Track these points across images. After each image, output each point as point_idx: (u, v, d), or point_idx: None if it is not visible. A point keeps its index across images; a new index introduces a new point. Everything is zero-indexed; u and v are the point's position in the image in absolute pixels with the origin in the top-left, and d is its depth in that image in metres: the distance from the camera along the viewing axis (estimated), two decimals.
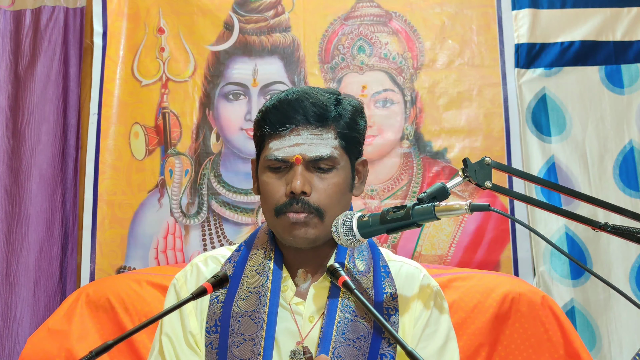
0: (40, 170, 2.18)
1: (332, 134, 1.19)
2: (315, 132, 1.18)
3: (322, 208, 1.17)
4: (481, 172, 1.13)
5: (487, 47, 2.16)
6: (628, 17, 2.15)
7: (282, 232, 1.19)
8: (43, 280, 2.13)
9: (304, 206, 1.16)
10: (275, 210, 1.18)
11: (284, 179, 1.18)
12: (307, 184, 1.16)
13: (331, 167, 1.19)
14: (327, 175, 1.19)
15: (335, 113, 1.19)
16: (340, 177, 1.20)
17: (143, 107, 2.20)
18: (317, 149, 1.17)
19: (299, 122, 1.17)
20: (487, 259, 2.04)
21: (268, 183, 1.20)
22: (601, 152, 2.08)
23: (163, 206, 2.15)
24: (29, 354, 1.67)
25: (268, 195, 1.20)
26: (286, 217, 1.17)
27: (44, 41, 2.24)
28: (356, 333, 1.15)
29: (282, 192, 1.18)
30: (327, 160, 1.18)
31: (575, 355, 1.63)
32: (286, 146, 1.17)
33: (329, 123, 1.19)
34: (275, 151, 1.18)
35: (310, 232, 1.17)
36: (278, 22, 2.22)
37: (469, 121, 2.13)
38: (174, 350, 1.20)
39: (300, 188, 1.15)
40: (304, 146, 1.17)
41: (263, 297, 1.18)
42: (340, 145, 1.20)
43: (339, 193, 1.20)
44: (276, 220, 1.19)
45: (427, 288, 1.25)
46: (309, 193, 1.16)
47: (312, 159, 1.17)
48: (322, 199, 1.17)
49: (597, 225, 1.06)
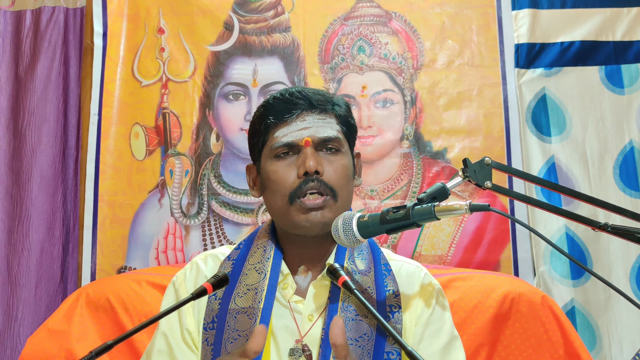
0: (41, 170, 2.18)
1: (334, 119, 1.24)
2: (320, 117, 1.22)
3: (335, 188, 1.19)
4: (481, 172, 1.13)
5: (487, 47, 2.17)
6: (628, 17, 2.15)
7: (296, 218, 1.18)
8: (44, 280, 2.14)
9: (319, 185, 1.17)
10: (290, 195, 1.18)
11: (293, 165, 1.20)
12: (319, 164, 1.19)
13: (337, 150, 1.22)
14: (335, 157, 1.22)
15: (333, 102, 1.25)
16: (346, 160, 1.24)
17: (143, 107, 2.21)
18: (325, 130, 1.21)
19: (304, 108, 1.21)
20: (487, 259, 2.04)
21: (277, 171, 1.21)
22: (601, 152, 2.08)
23: (163, 206, 2.15)
24: (29, 354, 1.67)
25: (279, 182, 1.20)
26: (302, 202, 1.17)
27: (44, 42, 2.24)
28: (359, 332, 1.15)
29: (293, 176, 1.19)
30: (334, 141, 1.22)
31: (575, 356, 1.63)
32: (294, 131, 1.20)
33: (330, 110, 1.24)
34: (283, 137, 1.20)
35: (327, 215, 1.18)
36: (278, 22, 2.22)
37: (469, 121, 2.13)
38: (169, 348, 1.20)
39: (314, 167, 1.17)
40: (312, 129, 1.20)
41: (259, 294, 1.18)
42: (342, 130, 1.25)
43: (346, 176, 1.23)
44: (289, 207, 1.19)
45: (429, 286, 1.26)
46: (322, 173, 1.18)
47: (322, 140, 1.20)
48: (333, 179, 1.19)
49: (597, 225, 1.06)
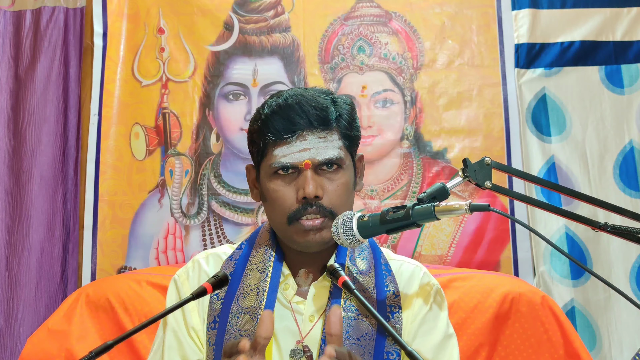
0: (41, 171, 2.18)
1: (336, 135, 1.19)
2: (321, 135, 1.17)
3: (334, 210, 1.17)
4: (481, 172, 1.13)
5: (487, 47, 2.17)
6: (628, 17, 2.15)
7: (295, 237, 1.18)
8: (44, 280, 2.14)
9: (318, 209, 1.16)
10: (289, 217, 1.17)
11: (292, 185, 1.17)
12: (319, 187, 1.16)
13: (339, 167, 1.19)
14: (335, 176, 1.19)
15: (336, 114, 1.19)
16: (347, 176, 1.21)
17: (143, 107, 2.21)
18: (326, 152, 1.17)
19: (304, 127, 1.16)
20: (487, 259, 2.04)
21: (277, 190, 1.18)
22: (601, 152, 2.08)
23: (163, 206, 2.15)
24: (28, 354, 1.67)
25: (279, 203, 1.18)
26: (300, 224, 1.16)
27: (44, 42, 2.24)
28: (360, 332, 1.15)
29: (292, 198, 1.17)
30: (335, 162, 1.18)
31: (575, 355, 1.63)
32: (293, 152, 1.16)
33: (332, 125, 1.19)
34: (282, 158, 1.17)
35: (325, 236, 1.17)
36: (278, 22, 2.22)
37: (469, 121, 2.13)
38: (179, 344, 1.20)
39: (313, 192, 1.14)
40: (312, 150, 1.16)
41: (261, 294, 1.18)
42: (344, 145, 1.20)
43: (347, 193, 1.20)
44: (288, 227, 1.18)
45: (427, 286, 1.26)
46: (322, 196, 1.16)
47: (322, 162, 1.17)
48: (333, 200, 1.17)
49: (597, 225, 1.06)
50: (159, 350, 1.22)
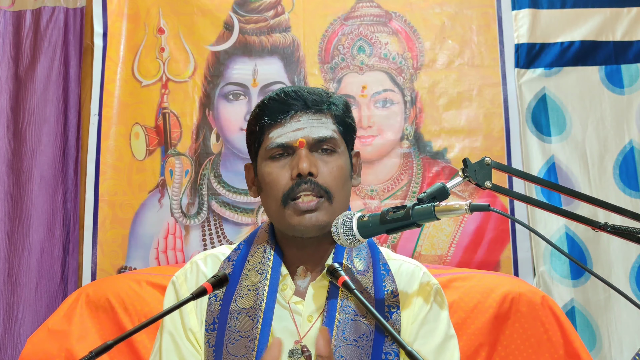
0: (41, 171, 2.18)
1: (330, 119, 1.23)
2: (315, 117, 1.21)
3: (330, 190, 1.18)
4: (481, 172, 1.13)
5: (487, 47, 2.17)
6: (628, 17, 2.15)
7: (291, 220, 1.18)
8: (44, 280, 2.14)
9: (312, 186, 1.17)
10: (283, 197, 1.18)
11: (287, 166, 1.19)
12: (313, 165, 1.18)
13: (333, 150, 1.21)
14: (330, 158, 1.21)
15: (330, 101, 1.24)
16: (342, 161, 1.22)
17: (143, 107, 2.21)
18: (319, 131, 1.20)
19: (298, 109, 1.20)
20: (487, 259, 2.04)
21: (271, 172, 1.20)
22: (601, 152, 2.08)
23: (163, 206, 2.15)
24: (29, 354, 1.67)
25: (273, 184, 1.19)
26: (295, 204, 1.17)
27: (44, 42, 2.24)
28: (357, 332, 1.15)
29: (287, 178, 1.18)
30: (329, 141, 1.21)
31: (575, 356, 1.63)
32: (288, 132, 1.19)
33: (326, 110, 1.23)
34: (277, 138, 1.19)
35: (321, 218, 1.17)
36: (278, 22, 2.22)
37: (468, 121, 2.13)
38: (176, 347, 1.20)
39: (307, 168, 1.16)
40: (306, 129, 1.19)
41: (260, 295, 1.18)
42: (338, 130, 1.23)
43: (342, 177, 1.21)
44: (283, 210, 1.18)
45: (427, 285, 1.26)
46: (316, 174, 1.17)
47: (316, 140, 1.19)
48: (328, 180, 1.18)
49: (597, 225, 1.06)
50: (158, 353, 1.22)
